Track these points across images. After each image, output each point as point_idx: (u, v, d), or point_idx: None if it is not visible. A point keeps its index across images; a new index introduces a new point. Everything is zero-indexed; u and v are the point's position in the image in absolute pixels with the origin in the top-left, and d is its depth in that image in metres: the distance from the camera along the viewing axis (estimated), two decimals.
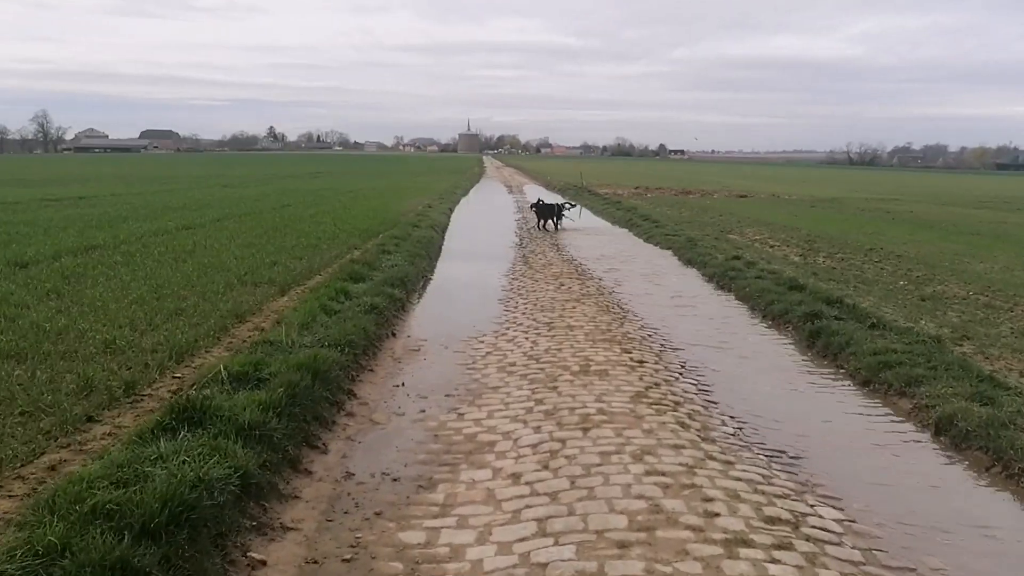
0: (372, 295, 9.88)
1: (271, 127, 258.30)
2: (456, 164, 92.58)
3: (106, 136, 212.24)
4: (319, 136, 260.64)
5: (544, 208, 21.18)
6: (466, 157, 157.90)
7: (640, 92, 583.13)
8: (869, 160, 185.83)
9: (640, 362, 7.80)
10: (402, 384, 7.25)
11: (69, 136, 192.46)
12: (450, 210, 27.04)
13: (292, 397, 5.72)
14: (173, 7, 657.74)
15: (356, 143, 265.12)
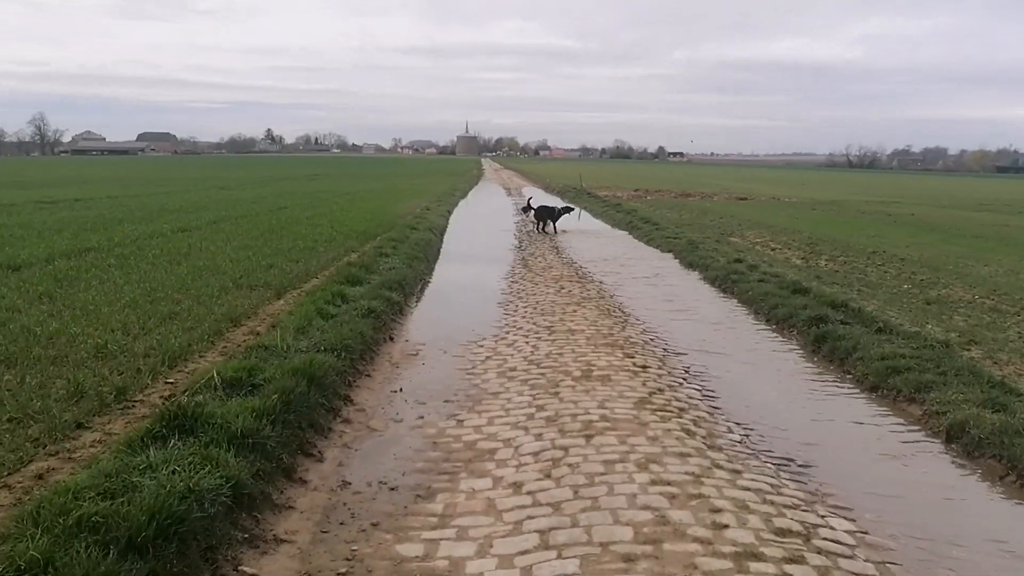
0: (369, 298, 9.74)
1: (269, 129, 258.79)
2: (454, 167, 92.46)
3: (103, 139, 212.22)
4: (317, 138, 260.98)
5: (543, 210, 21.19)
6: (464, 159, 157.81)
7: (639, 94, 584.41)
8: (869, 163, 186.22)
9: (643, 367, 7.65)
10: (400, 389, 7.10)
11: (66, 138, 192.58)
12: (448, 212, 26.93)
13: (287, 403, 5.56)
14: (172, 9, 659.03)
15: (354, 145, 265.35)
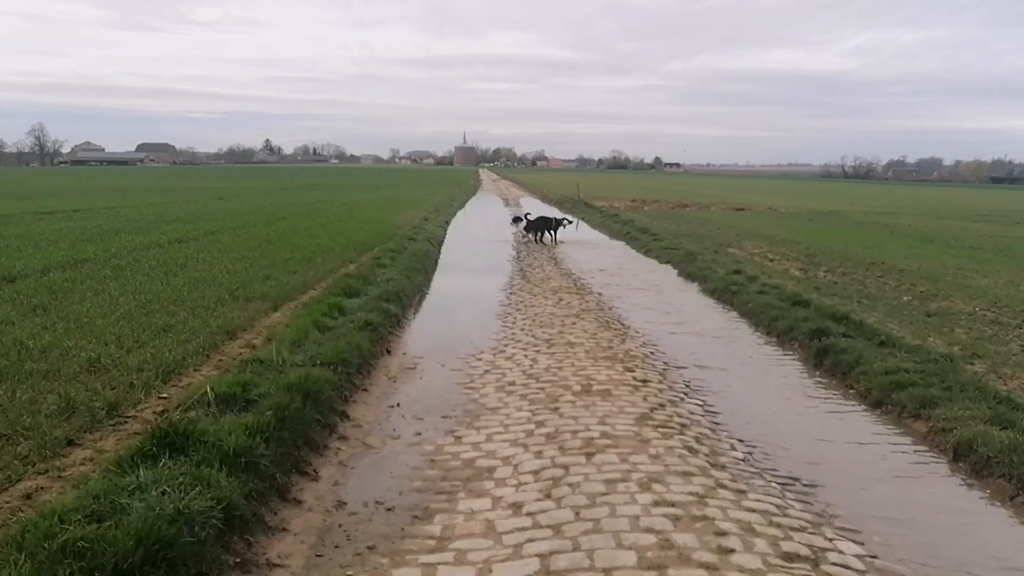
0: (367, 311, 9.64)
1: (267, 140, 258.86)
2: (452, 177, 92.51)
3: (103, 149, 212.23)
4: (315, 149, 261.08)
5: (540, 221, 21.18)
6: (462, 170, 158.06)
7: (635, 105, 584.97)
8: (864, 173, 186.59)
9: (643, 381, 7.55)
10: (397, 405, 6.98)
11: (66, 149, 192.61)
12: (446, 223, 26.87)
13: (281, 420, 5.44)
14: (171, 20, 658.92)
15: (352, 156, 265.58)
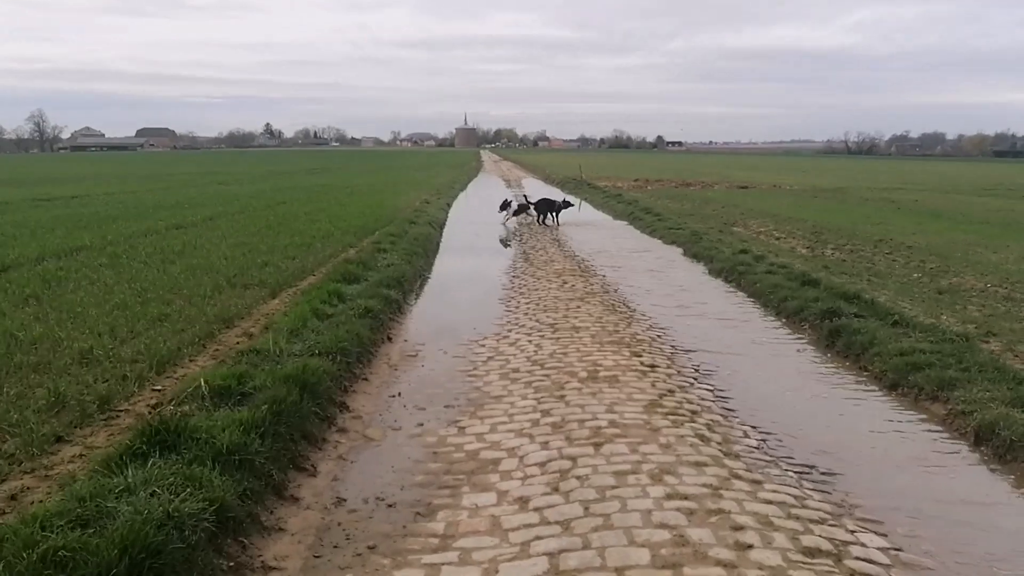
0: (367, 297, 9.42)
1: (267, 124, 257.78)
2: (453, 159, 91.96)
3: (102, 135, 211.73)
4: (316, 132, 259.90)
5: (544, 203, 20.90)
6: (463, 152, 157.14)
7: (637, 84, 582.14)
8: (867, 149, 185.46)
9: (651, 366, 7.34)
10: (398, 394, 6.78)
11: (65, 135, 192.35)
12: (448, 205, 26.59)
13: (278, 414, 5.23)
14: (168, 5, 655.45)
15: (353, 139, 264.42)
